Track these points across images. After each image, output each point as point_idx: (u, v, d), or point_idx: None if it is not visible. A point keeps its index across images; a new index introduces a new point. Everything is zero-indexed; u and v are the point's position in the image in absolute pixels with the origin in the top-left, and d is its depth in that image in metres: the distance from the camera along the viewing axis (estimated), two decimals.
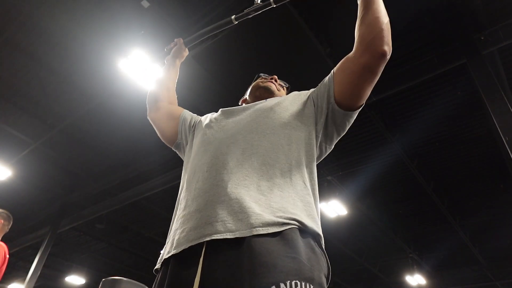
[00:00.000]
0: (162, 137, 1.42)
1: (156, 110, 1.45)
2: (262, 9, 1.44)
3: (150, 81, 4.60)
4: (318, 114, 1.14)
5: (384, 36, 1.06)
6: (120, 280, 2.38)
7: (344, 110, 1.10)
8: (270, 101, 1.22)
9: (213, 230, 0.86)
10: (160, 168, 6.85)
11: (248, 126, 1.10)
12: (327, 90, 1.13)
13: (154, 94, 1.51)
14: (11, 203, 8.35)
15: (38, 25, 4.70)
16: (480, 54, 4.10)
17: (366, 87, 1.09)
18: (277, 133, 1.07)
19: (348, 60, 1.12)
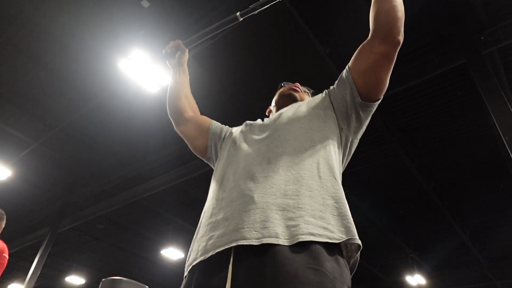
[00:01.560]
0: (193, 150, 1.44)
1: (184, 123, 1.46)
2: (269, 3, 1.38)
3: (150, 82, 4.61)
4: (339, 111, 1.16)
5: (400, 26, 1.08)
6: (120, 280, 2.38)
7: (366, 102, 1.13)
8: (289, 109, 1.25)
9: (239, 236, 0.88)
10: (160, 168, 6.85)
11: (271, 136, 1.13)
12: (348, 85, 1.14)
13: (176, 106, 1.51)
14: (11, 203, 8.36)
15: (38, 25, 4.70)
16: (480, 54, 4.09)
17: (385, 74, 1.11)
18: (299, 138, 1.09)
19: (364, 49, 1.13)
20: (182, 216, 8.72)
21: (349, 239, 0.88)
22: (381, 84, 1.12)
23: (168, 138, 6.18)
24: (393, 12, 1.08)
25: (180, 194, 7.86)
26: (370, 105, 1.14)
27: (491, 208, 7.38)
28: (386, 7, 1.09)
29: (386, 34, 1.08)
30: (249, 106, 5.10)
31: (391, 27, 1.08)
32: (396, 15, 1.08)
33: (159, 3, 4.29)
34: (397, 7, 1.09)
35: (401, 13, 1.09)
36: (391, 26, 1.08)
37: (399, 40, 1.09)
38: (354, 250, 0.93)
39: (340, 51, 4.51)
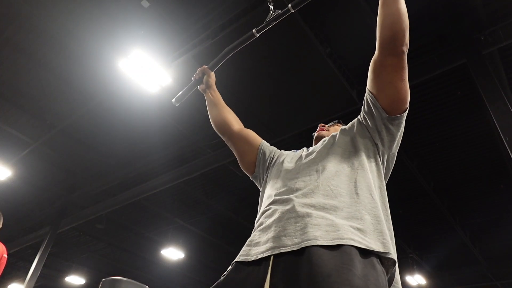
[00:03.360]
0: (240, 164, 1.52)
1: (233, 136, 1.55)
2: (282, 16, 1.47)
3: (150, 82, 4.61)
4: (371, 129, 1.22)
5: (404, 36, 1.11)
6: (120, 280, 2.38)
7: (393, 115, 1.17)
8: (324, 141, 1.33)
9: (281, 243, 0.94)
10: (160, 168, 6.85)
11: (313, 159, 1.22)
12: (372, 104, 1.19)
13: (221, 120, 1.60)
14: (11, 203, 8.36)
15: (38, 25, 4.70)
16: (480, 54, 4.09)
17: (402, 82, 1.14)
18: (337, 162, 1.17)
19: (375, 65, 1.18)
20: (182, 216, 8.72)
21: (385, 252, 0.93)
22: (402, 92, 1.15)
23: (168, 138, 6.18)
24: (396, 25, 1.11)
25: (180, 194, 7.86)
26: (397, 118, 1.17)
27: (491, 208, 7.37)
28: (389, 20, 1.12)
29: (391, 47, 1.12)
30: (249, 106, 5.10)
31: (395, 40, 1.11)
32: (400, 28, 1.11)
33: (159, 3, 4.29)
34: (401, 19, 1.11)
35: (405, 24, 1.12)
36: (395, 39, 1.11)
37: (403, 50, 1.12)
38: (390, 265, 0.96)
39: (340, 51, 4.51)
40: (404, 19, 1.12)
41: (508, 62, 4.66)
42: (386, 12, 1.14)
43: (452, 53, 4.32)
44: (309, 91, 4.81)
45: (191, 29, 4.48)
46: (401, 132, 1.23)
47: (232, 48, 1.57)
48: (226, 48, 1.58)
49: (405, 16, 1.13)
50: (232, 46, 1.57)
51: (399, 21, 1.11)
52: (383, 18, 1.14)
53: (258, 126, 5.37)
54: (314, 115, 5.12)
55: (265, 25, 1.49)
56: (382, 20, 1.15)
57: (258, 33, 1.51)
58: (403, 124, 1.22)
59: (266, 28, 1.50)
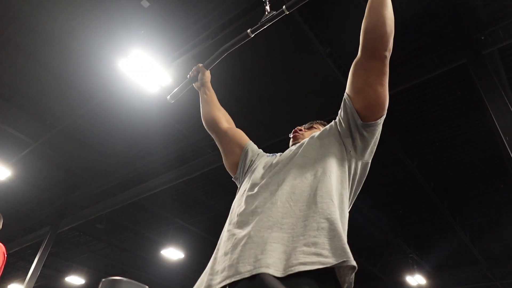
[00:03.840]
0: (225, 163, 1.51)
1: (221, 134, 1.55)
2: (276, 17, 1.48)
3: (150, 82, 4.60)
4: (345, 135, 1.19)
5: (387, 41, 1.11)
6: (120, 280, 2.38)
7: (367, 122, 1.15)
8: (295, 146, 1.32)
9: (235, 271, 0.94)
10: (160, 168, 6.85)
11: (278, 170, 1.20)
12: (348, 108, 1.18)
13: (210, 118, 1.60)
14: (11, 203, 8.36)
15: (38, 25, 4.70)
16: (480, 54, 4.10)
17: (381, 88, 1.13)
18: (301, 169, 1.15)
19: (356, 67, 1.17)
20: (182, 216, 8.72)
21: (343, 261, 0.89)
22: (380, 97, 1.13)
23: (168, 138, 6.18)
24: (380, 28, 1.11)
25: (180, 194, 7.86)
26: (372, 125, 1.15)
27: (491, 208, 7.37)
28: (373, 23, 1.12)
29: (374, 50, 1.11)
30: (250, 105, 5.10)
31: (377, 44, 1.11)
32: (384, 31, 1.10)
33: (159, 3, 4.29)
34: (385, 22, 1.11)
35: (390, 28, 1.12)
36: (377, 43, 1.11)
37: (385, 55, 1.11)
38: (348, 271, 0.94)
39: (340, 51, 4.51)
40: (390, 23, 1.12)
41: (508, 62, 4.66)
42: (372, 15, 1.13)
43: (452, 53, 4.32)
44: (309, 91, 4.81)
45: (191, 29, 4.48)
46: (375, 140, 1.20)
47: (227, 47, 1.58)
48: (221, 47, 1.59)
49: (391, 21, 1.13)
50: (228, 45, 1.57)
51: (384, 25, 1.10)
52: (368, 21, 1.14)
53: (258, 126, 5.37)
54: (314, 115, 5.09)
55: (260, 26, 1.50)
56: (367, 23, 1.14)
57: (253, 34, 1.51)
58: (379, 132, 1.20)
59: (261, 28, 1.50)
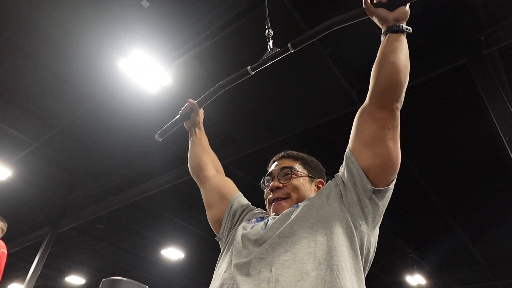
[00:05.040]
0: (208, 217, 1.29)
1: (205, 181, 1.36)
2: (280, 55, 1.37)
3: (150, 82, 4.60)
4: (351, 206, 0.97)
5: (399, 92, 0.98)
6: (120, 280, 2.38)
7: (380, 187, 0.97)
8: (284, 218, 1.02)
9: None
10: (160, 168, 6.85)
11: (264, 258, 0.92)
12: (354, 171, 0.98)
13: (196, 162, 1.42)
14: (11, 203, 8.36)
15: (38, 25, 4.69)
16: (480, 54, 4.09)
17: (394, 144, 0.98)
18: (298, 259, 0.89)
19: (365, 116, 1.00)
20: (182, 216, 8.72)
21: None
22: (392, 155, 0.97)
23: (168, 138, 6.15)
24: (394, 76, 0.97)
25: (180, 194, 7.86)
26: (384, 191, 0.97)
27: (491, 208, 7.37)
28: (387, 69, 0.98)
29: (386, 99, 0.97)
30: (250, 106, 5.10)
31: (389, 93, 0.97)
32: (399, 80, 0.97)
33: (159, 3, 4.29)
34: (400, 70, 0.97)
35: (404, 76, 0.98)
36: (389, 92, 0.97)
37: (398, 107, 0.98)
38: None
39: (340, 51, 4.51)
40: (405, 72, 0.98)
41: (508, 62, 4.66)
42: (386, 61, 0.99)
43: (452, 53, 4.32)
44: (309, 91, 4.81)
45: (191, 29, 4.47)
46: (385, 207, 1.00)
47: (224, 84, 1.47)
48: (217, 84, 1.47)
49: (406, 69, 0.99)
50: (225, 82, 1.46)
51: (398, 73, 0.97)
52: (380, 66, 1.00)
53: (258, 126, 5.37)
54: (314, 115, 5.12)
55: (262, 63, 1.39)
56: (379, 68, 1.00)
57: (254, 71, 1.41)
58: (389, 198, 1.00)
59: (263, 66, 1.39)
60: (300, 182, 1.16)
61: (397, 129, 0.98)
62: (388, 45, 1.01)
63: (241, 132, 5.60)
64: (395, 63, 0.98)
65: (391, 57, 0.99)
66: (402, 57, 0.99)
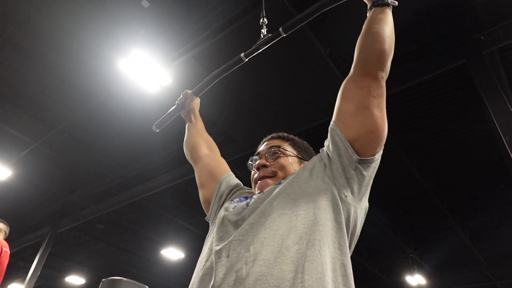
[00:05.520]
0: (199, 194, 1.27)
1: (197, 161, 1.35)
2: (272, 41, 1.37)
3: (150, 82, 4.60)
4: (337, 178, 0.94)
5: (384, 61, 0.97)
6: (120, 280, 2.38)
7: (366, 157, 0.92)
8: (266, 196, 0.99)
9: None
10: (160, 168, 6.85)
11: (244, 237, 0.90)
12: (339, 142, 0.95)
13: (190, 144, 1.42)
14: (11, 203, 8.36)
15: (38, 25, 4.70)
16: (480, 54, 4.09)
17: (380, 112, 0.94)
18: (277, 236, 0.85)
19: (348, 86, 0.99)
20: (182, 216, 8.72)
21: None
22: (378, 123, 0.92)
23: (168, 138, 6.18)
24: (379, 45, 0.97)
25: (180, 194, 7.86)
26: (370, 161, 0.93)
27: (491, 208, 7.37)
28: (372, 39, 0.98)
29: (371, 68, 0.96)
30: (250, 105, 5.10)
31: (374, 61, 0.96)
32: (382, 48, 0.96)
33: (159, 3, 4.29)
34: (385, 40, 0.97)
35: (388, 46, 0.98)
36: (374, 60, 0.96)
37: (382, 76, 0.96)
38: None
39: (340, 51, 4.51)
40: (390, 42, 0.98)
41: (508, 62, 4.66)
42: (371, 31, 0.99)
43: (452, 53, 4.32)
44: (309, 91, 4.82)
45: (191, 29, 4.48)
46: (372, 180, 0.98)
47: (219, 73, 1.46)
48: (212, 73, 1.47)
49: (391, 39, 0.99)
50: (219, 71, 1.46)
51: (383, 42, 0.97)
52: (365, 37, 1.00)
53: (259, 126, 5.37)
54: (314, 115, 5.12)
55: (255, 49, 1.38)
56: (364, 39, 1.00)
57: (247, 58, 1.40)
58: (376, 169, 0.97)
59: (256, 52, 1.39)
60: (288, 161, 1.13)
61: (383, 98, 0.95)
62: (373, 17, 1.01)
63: (241, 132, 5.60)
64: (379, 33, 0.98)
65: (375, 28, 0.99)
66: (386, 28, 0.99)
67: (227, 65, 1.44)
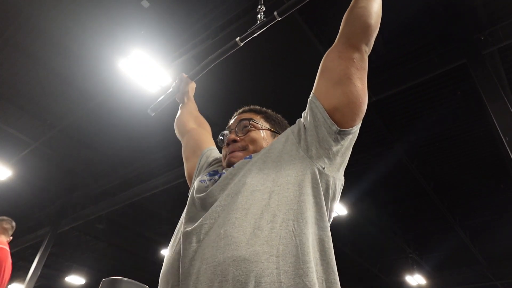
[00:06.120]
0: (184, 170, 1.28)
1: (184, 134, 1.37)
2: (267, 25, 1.38)
3: (150, 82, 4.61)
4: (313, 149, 0.90)
5: (368, 34, 0.97)
6: (120, 280, 2.38)
7: (345, 128, 0.90)
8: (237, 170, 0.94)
9: None
10: (160, 168, 6.85)
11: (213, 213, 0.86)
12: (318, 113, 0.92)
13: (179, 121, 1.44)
14: (11, 203, 8.35)
15: (38, 25, 4.70)
16: (480, 54, 4.09)
17: (361, 84, 0.93)
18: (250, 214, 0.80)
19: (331, 56, 1.00)
20: None
21: None
22: (360, 95, 0.91)
23: (168, 138, 6.18)
24: (365, 19, 0.97)
25: (180, 194, 7.85)
26: (349, 132, 0.91)
27: (491, 208, 7.37)
28: (358, 13, 0.99)
29: (353, 38, 0.97)
30: (250, 105, 5.10)
31: (359, 33, 0.97)
32: (368, 22, 0.97)
33: (159, 3, 4.29)
34: (371, 15, 0.98)
35: (374, 21, 0.98)
36: (359, 32, 0.97)
37: (365, 50, 0.97)
38: None
39: None
40: (376, 18, 0.99)
41: (508, 62, 4.66)
42: (358, 6, 1.00)
43: (452, 53, 4.32)
44: (309, 91, 4.82)
45: (191, 29, 4.48)
46: (350, 151, 0.96)
47: (215, 57, 1.46)
48: (208, 58, 1.48)
49: (377, 16, 1.00)
50: (215, 55, 1.46)
51: (370, 17, 0.97)
52: (351, 11, 1.01)
53: None
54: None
55: (250, 33, 1.39)
56: (351, 12, 1.01)
57: (242, 42, 1.40)
58: (354, 140, 0.95)
59: (251, 36, 1.40)
60: (259, 135, 1.07)
61: (365, 72, 0.95)
62: None
63: None
64: (366, 8, 0.99)
65: (362, 2, 1.00)
66: (374, 4, 1.00)
67: (222, 50, 1.45)
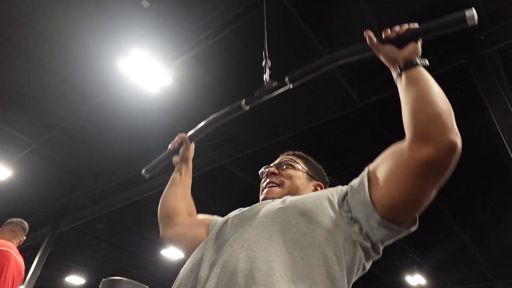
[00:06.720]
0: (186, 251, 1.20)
1: (174, 226, 1.28)
2: (276, 89, 1.27)
3: (150, 82, 4.60)
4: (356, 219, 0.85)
5: (448, 122, 0.76)
6: (120, 280, 2.38)
7: (390, 223, 0.82)
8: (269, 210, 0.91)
9: None
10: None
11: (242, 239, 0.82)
12: (362, 201, 0.85)
13: (169, 206, 1.35)
14: (11, 203, 8.36)
15: (38, 25, 4.70)
16: (480, 54, 4.10)
17: (428, 190, 0.81)
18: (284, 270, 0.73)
19: (398, 153, 0.83)
20: None
21: None
22: (417, 203, 0.82)
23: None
24: (432, 106, 0.78)
25: None
26: (393, 229, 0.83)
27: (491, 208, 7.37)
28: (419, 103, 0.80)
29: (427, 133, 0.76)
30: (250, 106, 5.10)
31: (434, 125, 0.76)
32: (438, 108, 0.77)
33: (159, 3, 4.29)
34: (434, 99, 0.79)
35: (445, 104, 0.79)
36: (434, 124, 0.76)
37: (452, 140, 0.74)
38: None
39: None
40: (443, 99, 0.81)
41: (508, 62, 4.66)
42: (413, 96, 0.81)
43: (452, 53, 4.32)
44: (309, 91, 4.82)
45: (191, 29, 4.47)
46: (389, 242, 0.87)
47: (217, 119, 1.37)
48: (210, 118, 1.38)
49: (443, 97, 0.81)
50: (217, 117, 1.37)
51: (435, 102, 0.78)
52: (410, 106, 0.82)
53: (258, 126, 5.37)
54: (314, 115, 5.12)
55: (256, 98, 1.31)
56: (409, 109, 0.82)
57: (248, 106, 1.32)
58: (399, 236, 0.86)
59: (258, 101, 1.31)
60: (296, 174, 1.13)
61: (443, 176, 0.80)
62: (409, 84, 0.84)
63: (240, 132, 5.60)
64: (424, 94, 0.80)
65: (416, 91, 0.81)
66: (430, 86, 0.82)
67: (226, 112, 1.36)
